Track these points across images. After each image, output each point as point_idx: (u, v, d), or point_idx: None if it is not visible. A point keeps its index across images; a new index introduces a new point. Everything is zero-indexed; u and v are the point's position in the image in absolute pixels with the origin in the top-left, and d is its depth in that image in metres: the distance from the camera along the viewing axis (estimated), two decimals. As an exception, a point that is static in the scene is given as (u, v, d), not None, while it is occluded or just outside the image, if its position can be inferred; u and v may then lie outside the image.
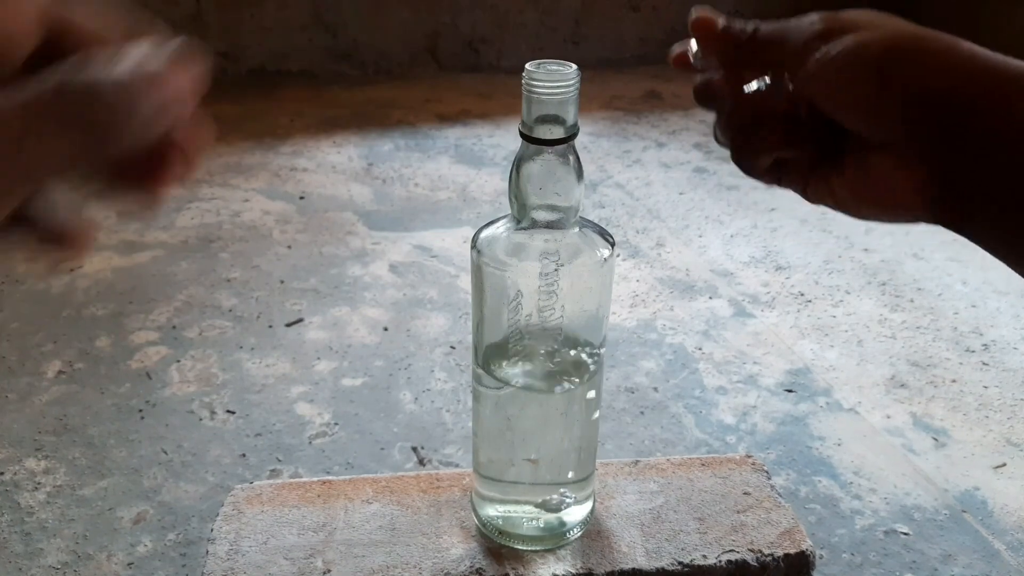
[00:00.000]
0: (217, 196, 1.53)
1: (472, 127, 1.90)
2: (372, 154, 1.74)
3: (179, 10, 2.14)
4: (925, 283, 1.27)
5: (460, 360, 1.05)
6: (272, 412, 0.95)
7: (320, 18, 2.23)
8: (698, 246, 1.38)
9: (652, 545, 0.58)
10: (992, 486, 0.87)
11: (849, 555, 0.77)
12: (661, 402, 0.99)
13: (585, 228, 0.51)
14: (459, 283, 1.24)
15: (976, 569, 0.76)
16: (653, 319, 1.16)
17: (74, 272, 1.25)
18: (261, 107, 2.01)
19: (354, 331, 1.11)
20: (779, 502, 0.62)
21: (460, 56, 2.35)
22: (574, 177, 0.48)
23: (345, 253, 1.33)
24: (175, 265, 1.28)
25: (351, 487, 0.63)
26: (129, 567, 0.74)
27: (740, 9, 2.53)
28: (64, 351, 1.06)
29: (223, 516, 0.60)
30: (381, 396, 0.99)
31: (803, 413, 0.98)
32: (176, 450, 0.89)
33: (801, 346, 1.11)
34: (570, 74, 0.45)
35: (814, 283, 1.27)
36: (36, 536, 0.78)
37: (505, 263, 0.50)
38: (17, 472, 0.85)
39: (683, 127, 1.93)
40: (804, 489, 0.86)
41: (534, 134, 0.46)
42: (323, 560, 0.56)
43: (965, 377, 1.05)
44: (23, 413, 0.94)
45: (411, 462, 0.88)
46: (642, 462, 0.66)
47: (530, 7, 2.35)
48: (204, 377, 1.01)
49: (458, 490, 0.62)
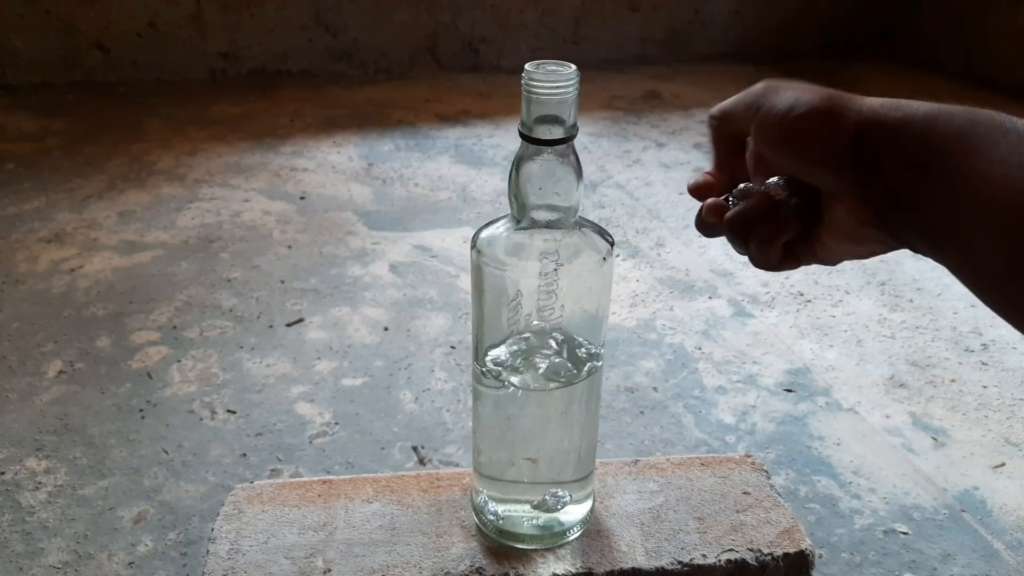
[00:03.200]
0: (217, 196, 1.53)
1: (472, 127, 1.90)
2: (372, 154, 1.74)
3: (179, 10, 2.14)
4: (924, 283, 1.27)
5: (460, 360, 1.05)
6: (272, 412, 0.95)
7: (320, 18, 2.23)
8: (698, 246, 1.38)
9: (652, 544, 0.58)
10: (991, 486, 0.87)
11: (848, 554, 0.78)
12: (661, 402, 0.99)
13: (585, 228, 0.51)
14: (459, 283, 1.24)
15: (975, 568, 0.76)
16: (653, 319, 1.16)
17: (74, 272, 1.25)
18: (261, 107, 2.01)
19: (354, 331, 1.12)
20: (778, 501, 0.62)
21: (460, 56, 2.35)
22: (574, 177, 0.48)
23: (345, 253, 1.33)
24: (175, 265, 1.28)
25: (351, 487, 0.63)
26: (130, 567, 0.75)
27: (740, 9, 2.53)
28: (65, 351, 1.06)
29: (224, 515, 0.60)
30: (381, 396, 0.99)
31: (802, 413, 0.98)
32: (177, 450, 0.89)
33: (800, 346, 1.11)
34: (570, 74, 0.46)
35: (813, 283, 1.27)
36: (37, 535, 0.78)
37: (505, 263, 0.50)
38: (18, 472, 0.86)
39: (683, 127, 1.93)
40: (803, 489, 0.86)
41: (534, 134, 0.46)
42: (323, 559, 0.56)
43: (964, 377, 1.05)
44: (24, 413, 0.94)
45: (411, 462, 0.88)
46: (642, 461, 0.66)
47: (530, 7, 2.35)
48: (205, 377, 1.01)
49: (458, 490, 0.63)
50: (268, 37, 2.22)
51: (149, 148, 1.74)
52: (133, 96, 2.07)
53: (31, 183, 1.56)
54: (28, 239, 1.35)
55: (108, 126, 1.85)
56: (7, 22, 2.07)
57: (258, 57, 2.23)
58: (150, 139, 1.79)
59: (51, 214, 1.44)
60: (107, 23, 2.12)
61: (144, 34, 2.15)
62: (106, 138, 1.78)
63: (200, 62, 2.20)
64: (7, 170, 1.62)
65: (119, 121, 1.89)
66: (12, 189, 1.54)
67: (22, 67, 2.11)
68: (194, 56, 2.19)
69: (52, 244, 1.34)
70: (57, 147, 1.73)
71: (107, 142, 1.76)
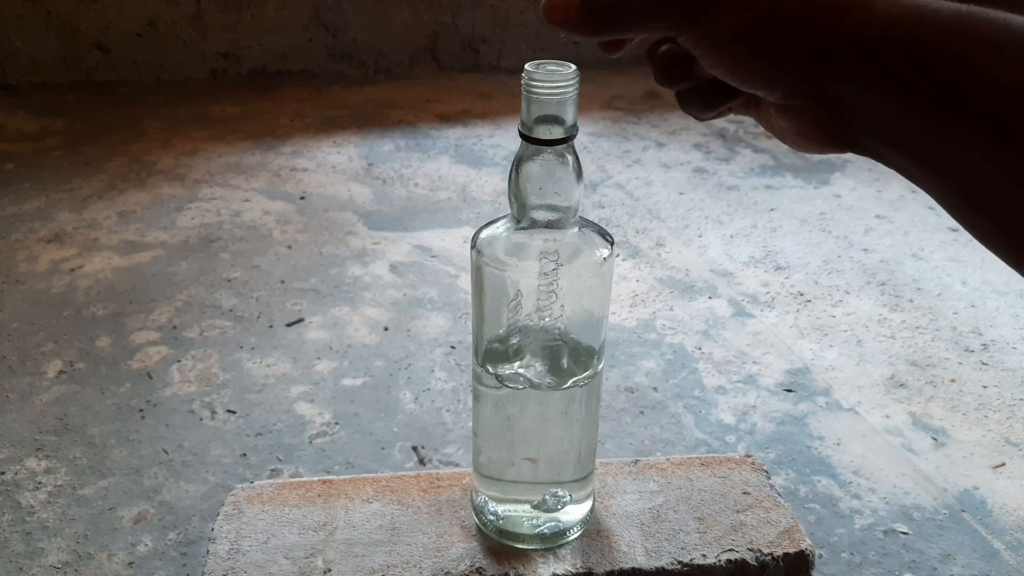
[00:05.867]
0: (217, 196, 1.53)
1: (472, 127, 1.90)
2: (372, 154, 1.74)
3: (179, 10, 2.14)
4: (924, 283, 1.27)
5: (460, 360, 1.05)
6: (272, 412, 0.95)
7: (320, 18, 2.23)
8: (698, 246, 1.38)
9: (652, 544, 0.58)
10: (991, 486, 0.87)
11: (848, 554, 0.78)
12: (661, 402, 0.99)
13: (585, 228, 0.51)
14: (459, 283, 1.24)
15: (975, 568, 0.76)
16: (653, 319, 1.16)
17: (74, 272, 1.25)
18: (261, 107, 2.01)
19: (354, 331, 1.12)
20: (778, 501, 0.62)
21: (460, 56, 2.35)
22: (573, 177, 0.48)
23: (345, 253, 1.33)
24: (175, 265, 1.28)
25: (351, 486, 0.63)
26: (130, 566, 0.75)
27: None
28: (65, 351, 1.06)
29: (224, 515, 0.60)
30: (381, 396, 0.99)
31: (802, 413, 0.98)
32: (177, 450, 0.89)
33: (800, 346, 1.11)
34: (570, 74, 0.46)
35: (813, 283, 1.27)
36: (37, 535, 0.78)
37: (505, 263, 0.50)
38: (18, 472, 0.86)
39: (683, 127, 1.93)
40: (803, 489, 0.86)
41: (534, 134, 0.46)
42: (324, 559, 0.56)
43: (964, 377, 1.05)
44: (24, 413, 0.94)
45: (411, 461, 0.88)
46: (642, 461, 0.66)
47: (530, 7, 2.35)
48: (205, 377, 1.01)
49: (458, 490, 0.63)
50: (268, 37, 2.22)
51: (149, 148, 1.74)
52: (133, 96, 2.06)
53: (31, 183, 1.56)
54: (28, 239, 1.35)
55: (108, 126, 1.85)
56: (7, 22, 2.07)
57: (258, 57, 2.23)
58: (150, 139, 1.79)
59: (51, 214, 1.44)
60: (107, 23, 2.12)
61: (144, 34, 2.15)
62: (106, 138, 1.78)
63: (200, 62, 2.20)
64: (7, 170, 1.62)
65: (119, 121, 1.89)
66: (12, 189, 1.54)
67: (22, 67, 2.11)
68: (194, 56, 2.19)
69: (52, 244, 1.34)
70: (57, 147, 1.73)
71: (107, 142, 1.76)
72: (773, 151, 1.79)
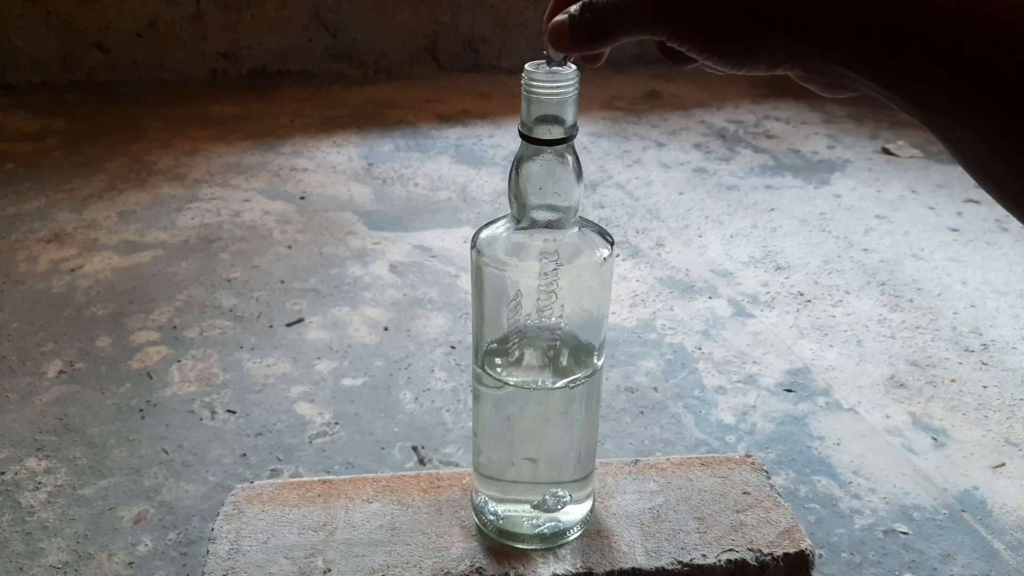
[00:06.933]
0: (217, 196, 1.53)
1: (472, 127, 1.90)
2: (372, 154, 1.74)
3: (179, 10, 2.14)
4: (924, 283, 1.27)
5: (460, 360, 1.05)
6: (272, 412, 0.95)
7: (320, 18, 2.23)
8: (698, 246, 1.38)
9: (652, 544, 0.58)
10: (991, 486, 0.87)
11: (848, 554, 0.78)
12: (661, 402, 0.99)
13: (585, 228, 0.51)
14: (459, 283, 1.24)
15: (975, 568, 0.76)
16: (653, 319, 1.16)
17: (74, 272, 1.25)
18: (261, 107, 2.01)
19: (354, 331, 1.12)
20: (778, 501, 0.62)
21: (460, 56, 2.35)
22: (573, 177, 0.48)
23: (345, 253, 1.33)
24: (175, 265, 1.28)
25: (351, 486, 0.63)
26: (130, 566, 0.75)
27: None
28: (65, 351, 1.06)
29: (224, 515, 0.60)
30: (381, 396, 0.99)
31: (802, 413, 0.98)
32: (177, 450, 0.89)
33: (800, 346, 1.11)
34: (569, 74, 0.46)
35: (813, 283, 1.27)
36: (37, 535, 0.78)
37: (505, 263, 0.50)
38: (18, 472, 0.86)
39: (683, 127, 1.93)
40: (803, 489, 0.86)
41: (534, 134, 0.46)
42: (324, 559, 0.56)
43: (964, 377, 1.05)
44: (24, 413, 0.94)
45: (411, 461, 0.89)
46: (642, 461, 0.66)
47: (530, 7, 2.35)
48: (204, 377, 1.01)
49: (458, 489, 0.63)
50: (268, 37, 2.22)
51: (149, 148, 1.74)
52: (133, 96, 2.07)
53: (31, 183, 1.56)
54: (28, 239, 1.35)
55: (108, 126, 1.85)
56: (7, 22, 2.07)
57: (258, 57, 2.23)
58: (150, 139, 1.79)
59: (51, 214, 1.44)
60: (107, 23, 2.12)
61: (144, 34, 2.15)
62: (106, 138, 1.78)
63: (200, 62, 2.20)
64: (7, 170, 1.62)
65: (119, 121, 1.89)
66: (12, 189, 1.54)
67: (22, 67, 2.11)
68: (194, 56, 2.19)
69: (52, 244, 1.34)
70: (57, 147, 1.73)
71: (107, 142, 1.76)
72: (773, 151, 1.79)
